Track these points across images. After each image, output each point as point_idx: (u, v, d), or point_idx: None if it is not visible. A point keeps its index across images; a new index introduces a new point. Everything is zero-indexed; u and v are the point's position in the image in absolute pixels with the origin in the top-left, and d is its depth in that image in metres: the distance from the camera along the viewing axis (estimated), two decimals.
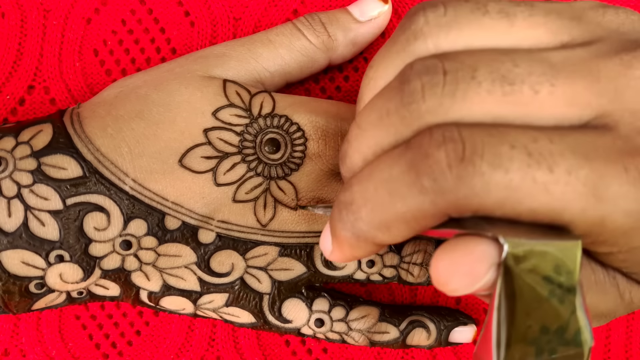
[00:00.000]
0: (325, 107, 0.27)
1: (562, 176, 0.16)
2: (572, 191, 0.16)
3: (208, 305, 0.27)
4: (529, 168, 0.16)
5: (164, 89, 0.26)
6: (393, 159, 0.18)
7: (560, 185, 0.16)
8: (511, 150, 0.16)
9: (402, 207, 0.17)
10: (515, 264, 0.16)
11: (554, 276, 0.16)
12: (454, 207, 0.17)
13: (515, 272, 0.16)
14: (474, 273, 0.16)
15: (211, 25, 0.30)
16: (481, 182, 0.16)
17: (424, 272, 0.28)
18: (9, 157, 0.25)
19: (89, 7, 0.30)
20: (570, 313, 0.16)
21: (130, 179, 0.25)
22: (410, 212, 0.17)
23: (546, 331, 0.16)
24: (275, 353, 0.31)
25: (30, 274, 0.25)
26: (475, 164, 0.16)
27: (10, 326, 0.30)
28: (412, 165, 0.17)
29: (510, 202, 0.16)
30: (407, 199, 0.17)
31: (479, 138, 0.16)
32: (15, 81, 0.30)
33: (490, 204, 0.16)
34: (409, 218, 0.18)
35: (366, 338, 0.28)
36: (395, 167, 0.18)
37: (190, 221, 0.26)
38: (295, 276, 0.27)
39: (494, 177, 0.16)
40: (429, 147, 0.17)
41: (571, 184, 0.16)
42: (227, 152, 0.26)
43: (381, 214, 0.18)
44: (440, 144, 0.17)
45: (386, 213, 0.18)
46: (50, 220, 0.25)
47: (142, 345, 0.30)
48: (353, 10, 0.28)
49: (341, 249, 0.20)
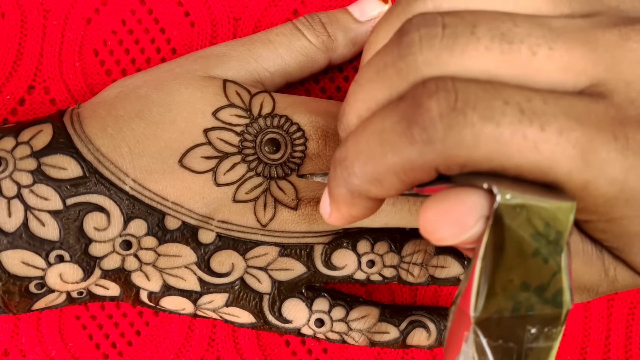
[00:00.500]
0: (325, 107, 0.27)
1: (552, 136, 0.16)
2: (561, 152, 0.16)
3: (208, 305, 0.27)
4: (521, 124, 0.16)
5: (164, 89, 0.26)
6: (386, 112, 0.18)
7: (550, 144, 0.16)
8: (504, 106, 0.16)
9: (392, 158, 0.17)
10: (505, 216, 0.16)
11: (542, 233, 0.16)
12: (442, 159, 0.16)
13: (504, 224, 0.16)
14: (463, 223, 0.16)
15: (211, 25, 0.30)
16: (471, 134, 0.16)
17: (424, 272, 0.28)
18: (9, 157, 0.25)
19: (89, 7, 0.30)
20: (553, 273, 0.16)
21: (131, 179, 0.25)
22: (399, 163, 0.17)
23: (527, 287, 0.16)
24: (275, 353, 0.31)
25: (30, 274, 0.25)
26: (467, 115, 0.16)
27: (10, 326, 0.30)
28: (404, 116, 0.17)
29: (498, 157, 0.16)
30: (397, 150, 0.17)
31: (473, 91, 0.16)
32: (15, 81, 0.30)
33: (478, 157, 0.16)
34: (398, 170, 0.17)
35: (366, 338, 0.28)
36: (387, 118, 0.18)
37: (190, 221, 0.26)
38: (295, 276, 0.27)
39: (485, 130, 0.16)
40: (421, 97, 0.17)
41: (561, 144, 0.16)
42: (227, 152, 0.26)
43: (373, 167, 0.18)
44: (433, 93, 0.17)
45: (377, 165, 0.18)
46: (50, 221, 0.25)
47: (142, 345, 0.30)
48: (353, 10, 0.28)
49: (338, 209, 0.20)
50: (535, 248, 0.16)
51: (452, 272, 0.28)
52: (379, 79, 0.19)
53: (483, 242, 0.16)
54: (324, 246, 0.27)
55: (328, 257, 0.27)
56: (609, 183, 0.17)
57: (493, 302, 0.16)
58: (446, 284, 0.29)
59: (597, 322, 0.31)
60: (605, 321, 0.31)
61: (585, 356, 0.31)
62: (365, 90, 0.19)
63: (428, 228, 0.17)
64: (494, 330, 0.16)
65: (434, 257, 0.28)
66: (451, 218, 0.16)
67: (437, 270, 0.28)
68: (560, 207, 0.16)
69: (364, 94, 0.19)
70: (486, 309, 0.16)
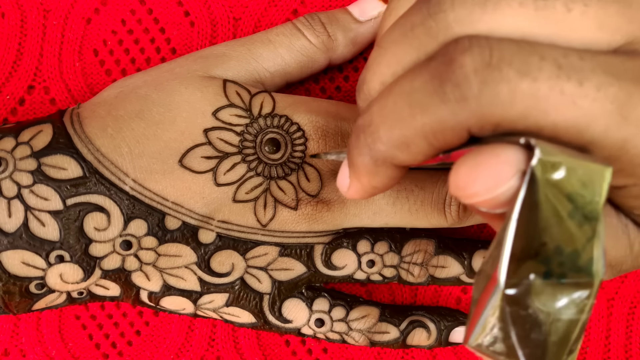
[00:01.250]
0: (325, 107, 0.27)
1: (591, 91, 0.16)
2: (599, 107, 0.16)
3: (208, 305, 0.27)
4: (558, 79, 0.15)
5: (164, 89, 0.26)
6: (415, 72, 0.17)
7: (588, 100, 0.15)
8: (541, 61, 0.16)
9: (422, 119, 0.17)
10: (543, 174, 0.15)
11: (578, 197, 0.15)
12: (476, 117, 0.16)
13: (540, 182, 0.15)
14: (499, 176, 0.15)
15: (211, 25, 0.30)
16: (507, 89, 0.15)
17: (424, 272, 0.28)
18: (9, 157, 0.25)
19: (89, 7, 0.30)
20: (587, 239, 0.16)
21: (131, 179, 0.25)
22: (430, 124, 0.16)
23: (560, 252, 0.16)
24: (275, 353, 0.31)
25: (31, 274, 0.25)
26: (502, 70, 0.15)
27: (10, 326, 0.30)
28: (435, 73, 0.16)
29: (535, 114, 0.16)
30: (427, 110, 0.16)
31: (508, 47, 0.16)
32: (15, 81, 0.30)
33: (514, 115, 0.16)
34: (428, 132, 0.17)
35: (366, 338, 0.28)
36: (417, 78, 0.17)
37: (190, 221, 0.26)
38: (295, 276, 0.27)
39: (521, 85, 0.15)
40: (454, 53, 0.16)
41: (599, 100, 0.16)
42: (227, 152, 0.26)
43: (400, 129, 0.17)
44: (467, 48, 0.16)
45: (405, 127, 0.17)
46: (51, 221, 0.25)
47: (142, 345, 0.30)
48: (353, 10, 0.28)
49: (359, 179, 0.20)
50: (571, 209, 0.15)
51: (452, 272, 0.28)
52: (406, 40, 0.18)
53: (519, 198, 0.15)
54: (324, 246, 0.27)
55: (328, 257, 0.27)
56: None
57: (526, 266, 0.15)
58: (446, 284, 0.29)
59: (597, 322, 0.31)
60: (605, 321, 0.31)
61: (585, 356, 0.31)
62: (390, 54, 0.18)
63: (460, 183, 0.16)
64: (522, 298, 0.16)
65: (434, 257, 0.28)
66: (486, 171, 0.15)
67: (437, 270, 0.28)
68: (597, 169, 0.15)
69: (388, 58, 0.18)
70: (517, 273, 0.15)
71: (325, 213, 0.26)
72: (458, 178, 0.16)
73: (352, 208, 0.27)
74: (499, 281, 0.15)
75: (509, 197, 0.16)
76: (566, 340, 0.16)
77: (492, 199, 0.16)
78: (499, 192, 0.15)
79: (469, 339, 0.16)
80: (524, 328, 0.16)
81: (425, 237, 0.28)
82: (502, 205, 0.16)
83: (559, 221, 0.15)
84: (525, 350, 0.16)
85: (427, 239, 0.28)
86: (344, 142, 0.27)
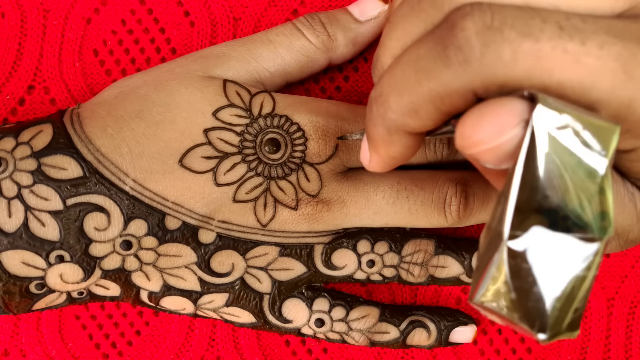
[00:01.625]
0: (325, 107, 0.27)
1: (594, 49, 0.16)
2: (603, 65, 0.16)
3: (208, 305, 0.27)
4: (560, 39, 0.16)
5: (164, 89, 0.26)
6: (420, 41, 0.17)
7: (592, 57, 0.16)
8: (542, 23, 0.16)
9: (428, 84, 0.17)
10: (546, 125, 0.15)
11: (583, 151, 0.15)
12: (480, 78, 0.16)
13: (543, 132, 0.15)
14: (503, 123, 0.15)
15: (211, 25, 0.30)
16: (509, 50, 0.16)
17: (424, 272, 0.28)
18: (9, 157, 0.25)
19: (89, 7, 0.30)
20: (592, 195, 0.16)
21: (131, 179, 0.25)
22: (435, 89, 0.17)
23: (564, 206, 0.16)
24: (275, 353, 0.31)
25: (31, 275, 0.25)
26: (504, 32, 0.16)
27: (10, 326, 0.30)
28: (439, 39, 0.17)
29: (539, 73, 0.16)
30: (432, 75, 0.17)
31: (509, 11, 0.16)
32: (15, 81, 0.30)
33: (518, 75, 0.16)
34: (434, 96, 0.17)
35: (366, 338, 0.28)
36: (422, 46, 0.17)
37: (190, 221, 0.26)
38: (295, 276, 0.27)
39: (523, 45, 0.16)
40: (456, 18, 0.16)
41: (603, 58, 0.16)
42: (227, 152, 0.26)
43: (408, 96, 0.17)
44: (468, 13, 0.16)
45: (413, 94, 0.17)
46: (51, 221, 0.25)
47: (142, 345, 0.30)
48: (353, 10, 0.28)
49: (377, 150, 0.20)
50: (575, 163, 0.15)
51: (452, 272, 0.28)
52: (413, 13, 0.18)
53: (523, 147, 0.15)
54: (324, 246, 0.27)
55: (328, 257, 0.27)
56: None
57: (529, 219, 0.15)
58: (446, 284, 0.29)
59: (597, 322, 0.31)
60: (605, 321, 0.31)
61: (585, 356, 0.31)
62: (400, 27, 0.19)
63: (466, 132, 0.16)
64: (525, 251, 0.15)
65: (434, 257, 0.28)
66: (491, 118, 0.16)
67: (437, 270, 0.28)
68: (604, 126, 0.15)
69: (398, 32, 0.19)
70: (521, 226, 0.15)
71: (325, 213, 0.26)
72: (464, 127, 0.16)
73: (352, 208, 0.27)
74: (503, 233, 0.15)
75: (513, 146, 0.16)
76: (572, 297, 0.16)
77: (496, 148, 0.16)
78: (503, 140, 0.16)
79: (475, 296, 0.16)
80: (527, 281, 0.16)
81: (425, 237, 0.28)
82: (507, 157, 0.16)
83: (562, 174, 0.15)
84: (528, 304, 0.16)
85: (427, 239, 0.28)
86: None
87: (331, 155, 0.26)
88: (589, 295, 0.17)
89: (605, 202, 0.16)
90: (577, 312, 0.16)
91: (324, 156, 0.26)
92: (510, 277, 0.16)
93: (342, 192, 0.27)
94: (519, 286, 0.16)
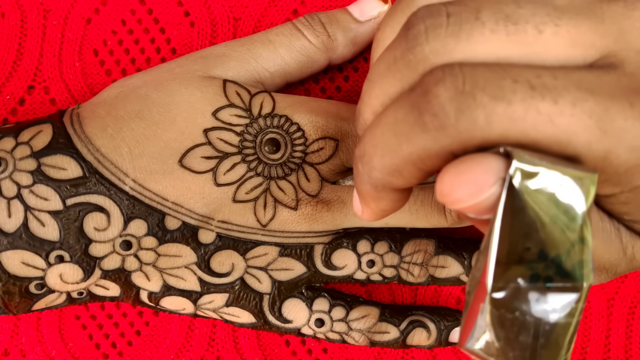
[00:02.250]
0: (325, 107, 0.27)
1: (566, 107, 0.16)
2: (577, 122, 0.16)
3: (208, 305, 0.27)
4: (532, 100, 0.16)
5: (163, 89, 0.26)
6: (397, 104, 0.18)
7: (565, 116, 0.16)
8: (513, 84, 0.16)
9: (407, 148, 0.17)
10: (522, 180, 0.16)
11: (561, 203, 0.16)
12: (457, 142, 0.16)
13: (520, 188, 0.16)
14: (480, 183, 0.16)
15: (211, 25, 0.30)
16: (483, 114, 0.16)
17: (424, 272, 0.28)
18: (8, 157, 0.25)
19: (89, 7, 0.30)
20: (572, 244, 0.16)
21: (130, 179, 0.25)
22: (415, 152, 0.17)
23: (544, 257, 0.16)
24: (275, 353, 0.31)
25: (31, 275, 0.25)
26: (476, 97, 0.16)
27: (10, 326, 0.30)
28: (414, 105, 0.17)
29: (514, 134, 0.16)
30: (411, 139, 0.17)
31: (480, 73, 0.16)
32: (15, 81, 0.30)
33: (493, 136, 0.16)
34: (415, 159, 0.17)
35: (366, 338, 0.28)
36: (399, 110, 0.18)
37: (190, 221, 0.26)
38: (295, 276, 0.27)
39: (497, 109, 0.16)
40: (428, 84, 0.17)
41: (576, 115, 0.16)
42: (227, 152, 0.26)
43: (390, 159, 0.18)
44: (440, 79, 0.16)
45: (395, 156, 0.18)
46: (50, 221, 0.25)
47: (142, 345, 0.30)
48: (353, 10, 0.28)
49: (367, 204, 0.20)
50: (554, 215, 0.16)
51: (452, 272, 0.28)
52: (390, 73, 0.19)
53: (500, 204, 0.16)
54: (324, 246, 0.27)
55: (328, 257, 0.27)
56: (630, 151, 0.16)
57: (511, 270, 0.16)
58: (446, 284, 0.29)
59: (597, 322, 0.31)
60: (605, 321, 0.31)
61: (585, 356, 0.31)
62: (378, 86, 0.19)
63: (444, 190, 0.16)
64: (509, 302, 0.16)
65: (434, 257, 0.28)
66: (468, 178, 0.16)
67: (437, 270, 0.28)
68: (580, 177, 0.16)
69: (376, 90, 0.19)
70: (504, 277, 0.16)
71: (325, 213, 0.26)
72: (442, 185, 0.16)
73: (352, 208, 0.27)
74: (487, 285, 0.16)
75: (491, 203, 0.16)
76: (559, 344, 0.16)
77: (475, 205, 0.16)
78: (482, 199, 0.16)
79: (465, 343, 0.17)
80: (512, 331, 0.16)
81: (425, 237, 0.28)
82: (487, 211, 0.16)
83: (542, 226, 0.16)
84: (515, 352, 0.16)
85: (427, 239, 0.28)
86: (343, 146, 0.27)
87: (331, 155, 0.26)
88: (579, 326, 0.17)
89: (586, 250, 0.16)
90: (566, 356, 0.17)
91: (324, 156, 0.26)
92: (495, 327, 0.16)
93: (342, 192, 0.27)
94: (505, 335, 0.16)
